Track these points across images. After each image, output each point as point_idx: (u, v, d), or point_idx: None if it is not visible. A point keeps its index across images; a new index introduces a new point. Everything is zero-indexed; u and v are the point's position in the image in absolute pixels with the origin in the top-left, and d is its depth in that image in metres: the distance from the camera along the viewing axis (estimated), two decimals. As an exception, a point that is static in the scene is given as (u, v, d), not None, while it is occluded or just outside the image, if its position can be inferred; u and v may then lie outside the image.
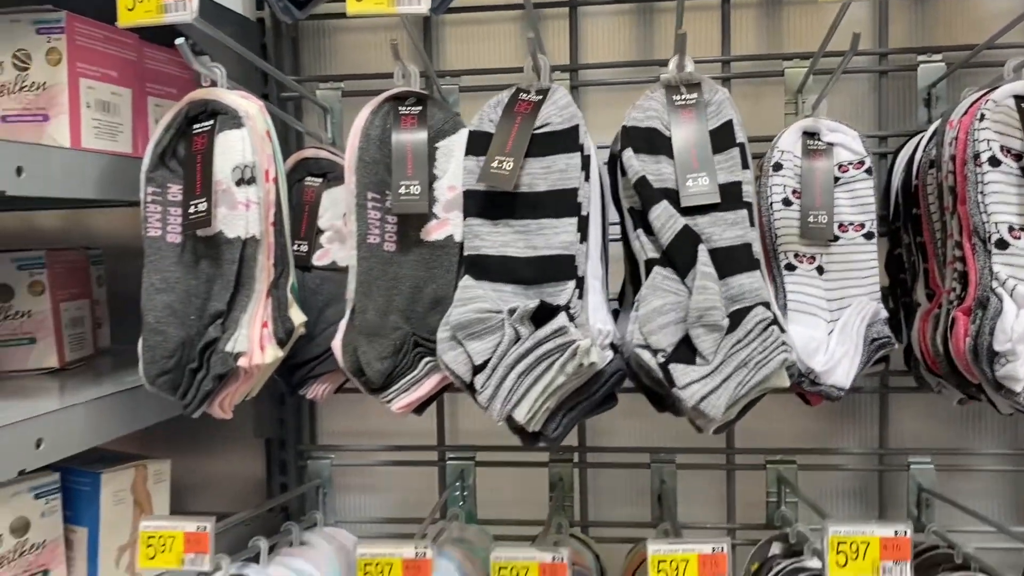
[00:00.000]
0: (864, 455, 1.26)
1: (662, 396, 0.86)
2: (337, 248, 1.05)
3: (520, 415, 0.80)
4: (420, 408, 0.94)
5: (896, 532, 0.80)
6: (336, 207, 1.05)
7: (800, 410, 1.28)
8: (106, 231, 1.39)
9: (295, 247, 1.01)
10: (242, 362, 0.85)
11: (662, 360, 0.81)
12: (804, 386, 0.90)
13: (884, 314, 0.93)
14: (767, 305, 0.83)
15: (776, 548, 1.12)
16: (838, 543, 0.81)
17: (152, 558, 0.89)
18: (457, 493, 1.28)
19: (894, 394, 1.23)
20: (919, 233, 0.97)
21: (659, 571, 0.83)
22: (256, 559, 1.05)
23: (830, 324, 0.91)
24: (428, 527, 1.09)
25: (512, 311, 0.82)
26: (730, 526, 1.28)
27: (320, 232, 1.06)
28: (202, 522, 0.88)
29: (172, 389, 0.87)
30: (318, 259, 1.05)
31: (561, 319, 0.81)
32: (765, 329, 0.81)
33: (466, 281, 0.87)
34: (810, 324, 0.91)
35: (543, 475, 1.29)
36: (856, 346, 0.90)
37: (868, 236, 0.93)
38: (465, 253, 0.88)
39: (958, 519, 1.15)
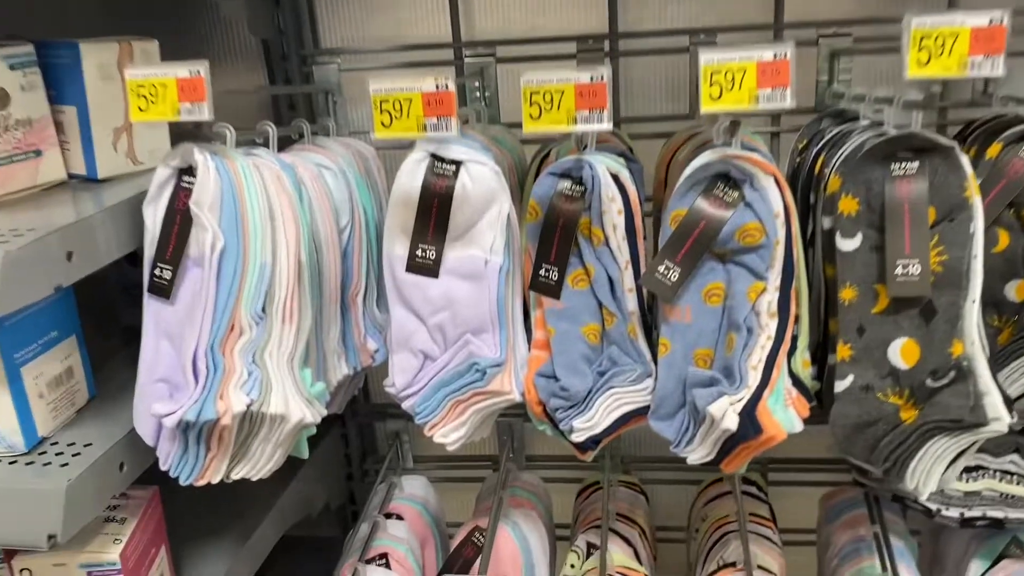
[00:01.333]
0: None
1: None
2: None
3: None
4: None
5: (991, 20, 0.69)
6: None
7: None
8: None
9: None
10: None
11: None
12: None
13: None
14: None
15: (827, 123, 1.03)
16: (921, 37, 0.70)
17: (144, 110, 0.80)
18: (477, 95, 1.18)
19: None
20: None
21: (712, 84, 0.73)
22: (265, 144, 0.96)
23: None
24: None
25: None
26: (777, 112, 1.18)
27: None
28: (195, 66, 0.78)
29: None
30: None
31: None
32: None
33: None
34: None
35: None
36: None
37: None
38: None
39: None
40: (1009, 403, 0.77)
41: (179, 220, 0.84)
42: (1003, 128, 0.92)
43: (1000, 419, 0.75)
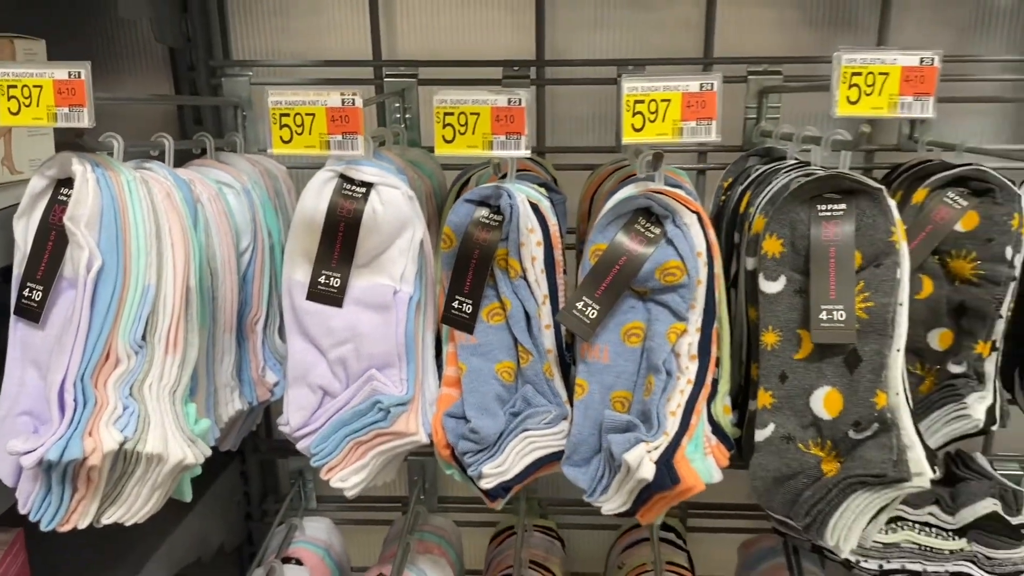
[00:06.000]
0: (856, 69, 1.11)
1: None
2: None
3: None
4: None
5: (922, 60, 0.67)
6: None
7: (789, 17, 1.12)
8: None
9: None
10: None
11: None
12: None
13: None
14: None
15: (754, 161, 1.01)
16: (851, 73, 0.67)
17: (15, 113, 0.72)
18: (398, 116, 1.12)
19: (897, -3, 1.08)
20: None
21: (635, 114, 0.69)
22: (161, 158, 0.89)
23: None
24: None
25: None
26: (702, 148, 1.15)
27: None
28: (75, 67, 0.71)
29: None
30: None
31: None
32: None
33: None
34: None
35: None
36: None
37: None
38: None
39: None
40: (932, 457, 0.74)
41: (53, 236, 0.76)
42: (929, 173, 0.91)
43: (923, 474, 0.72)
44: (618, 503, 0.81)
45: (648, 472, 0.75)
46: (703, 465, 0.79)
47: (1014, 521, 0.98)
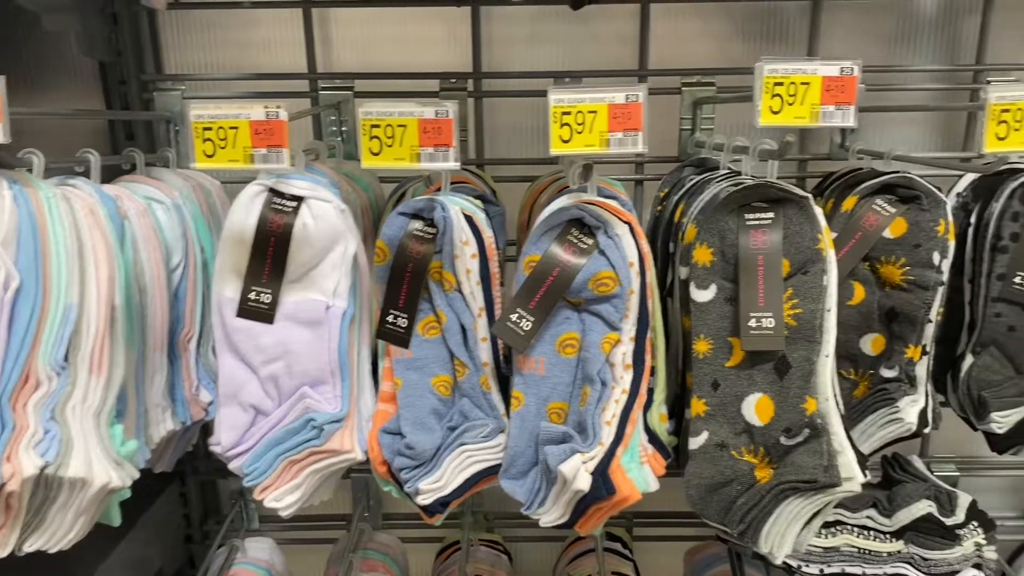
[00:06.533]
0: (788, 80, 1.13)
1: None
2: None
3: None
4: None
5: (843, 70, 0.68)
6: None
7: (722, 30, 1.14)
8: None
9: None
10: None
11: None
12: None
13: None
14: None
15: (688, 172, 1.02)
16: (774, 84, 0.68)
17: (-73, 128, 0.69)
18: (334, 129, 1.11)
19: (829, 8, 1.10)
20: None
21: (562, 125, 0.69)
22: (87, 174, 0.87)
23: None
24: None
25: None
26: (639, 159, 1.16)
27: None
28: (-12, 81, 0.69)
29: None
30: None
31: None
32: None
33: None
34: None
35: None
36: None
37: None
38: None
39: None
40: (863, 461, 0.75)
41: (-31, 255, 0.73)
42: (859, 181, 0.92)
43: (853, 479, 0.73)
44: (556, 515, 0.80)
45: (584, 483, 0.75)
46: (639, 474, 0.79)
47: (948, 522, 1.00)
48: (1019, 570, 1.25)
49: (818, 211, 0.77)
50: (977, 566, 1.00)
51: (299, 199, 0.80)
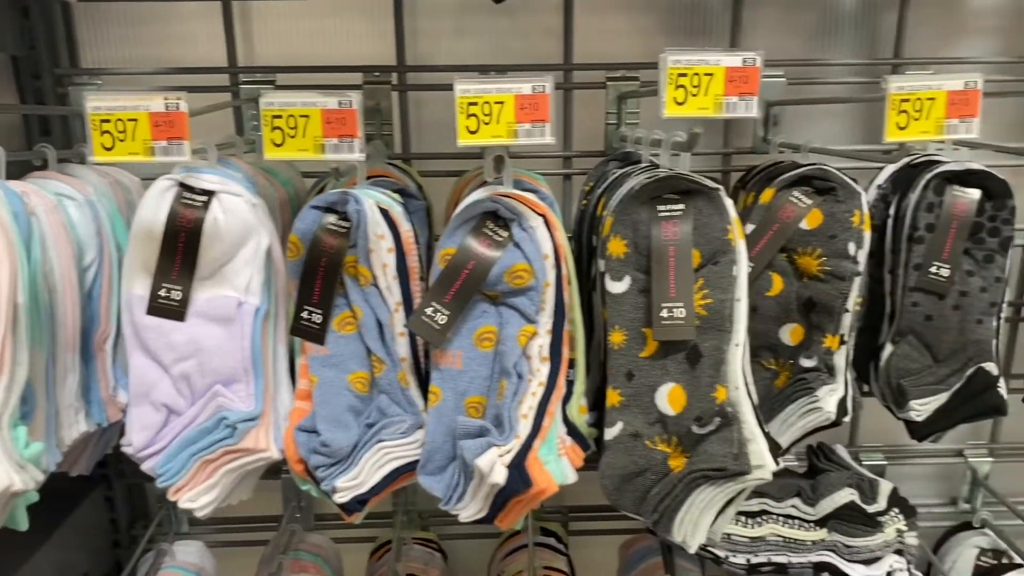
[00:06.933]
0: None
1: None
2: None
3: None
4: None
5: (745, 61, 0.68)
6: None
7: (646, 25, 1.14)
8: None
9: None
10: None
11: None
12: None
13: None
14: None
15: (612, 165, 1.02)
16: (678, 75, 0.68)
17: None
18: (255, 123, 1.09)
19: (751, 4, 1.11)
20: None
21: (469, 116, 0.69)
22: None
23: None
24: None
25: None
26: (566, 153, 1.16)
27: None
28: None
29: None
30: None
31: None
32: None
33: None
34: None
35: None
36: None
37: None
38: None
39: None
40: (775, 449, 0.76)
41: None
42: (779, 174, 0.93)
43: (764, 467, 0.73)
44: (475, 510, 0.80)
45: (500, 476, 0.75)
46: (557, 467, 0.79)
47: (870, 509, 1.01)
48: (945, 555, 1.27)
49: (728, 202, 0.77)
50: (899, 552, 1.01)
51: (210, 193, 0.79)
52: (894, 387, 0.98)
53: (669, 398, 0.77)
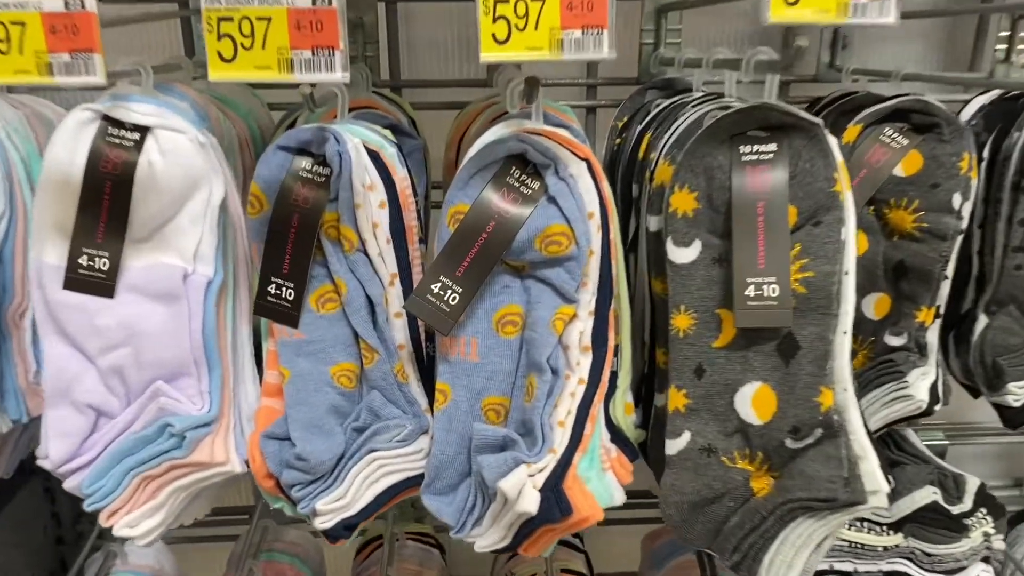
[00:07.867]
0: None
1: None
2: None
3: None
4: None
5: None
6: None
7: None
8: None
9: None
10: None
11: None
12: None
13: None
14: None
15: (653, 95, 0.83)
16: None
17: None
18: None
19: None
20: None
21: (496, 19, 0.49)
22: None
23: None
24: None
25: None
26: (590, 81, 0.96)
27: None
28: None
29: None
30: None
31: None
32: None
33: None
34: None
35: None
36: None
37: None
38: None
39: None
40: (884, 464, 0.59)
41: None
42: (858, 106, 0.76)
43: (879, 492, 0.56)
44: (495, 538, 0.63)
45: (531, 504, 0.57)
46: (601, 485, 0.62)
47: (954, 510, 0.86)
48: (1014, 544, 1.13)
49: (832, 142, 0.58)
50: (985, 559, 0.86)
51: (143, 129, 0.59)
52: (988, 366, 0.82)
53: (754, 402, 0.59)
